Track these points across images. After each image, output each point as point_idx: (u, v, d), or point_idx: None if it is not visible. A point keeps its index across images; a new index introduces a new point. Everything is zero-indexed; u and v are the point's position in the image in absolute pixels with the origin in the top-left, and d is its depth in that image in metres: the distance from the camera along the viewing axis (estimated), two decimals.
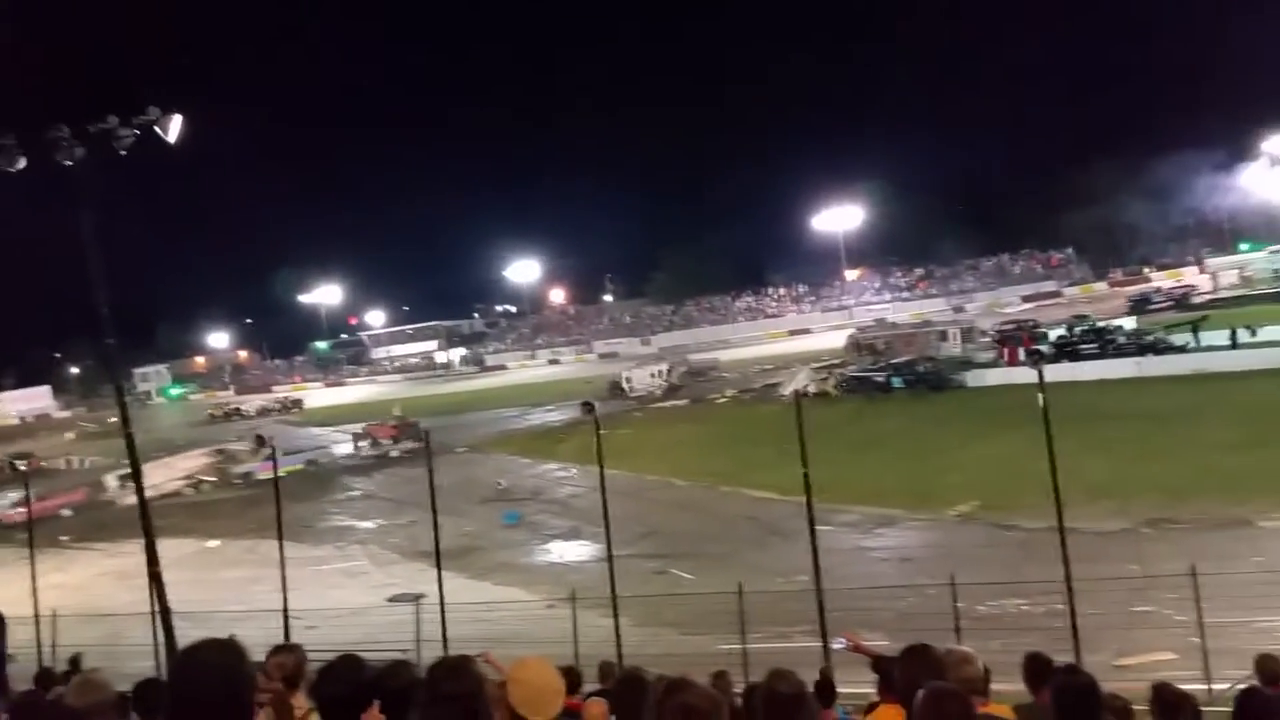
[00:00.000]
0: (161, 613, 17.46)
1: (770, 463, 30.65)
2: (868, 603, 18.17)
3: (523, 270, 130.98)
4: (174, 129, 17.30)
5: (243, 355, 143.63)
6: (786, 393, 47.84)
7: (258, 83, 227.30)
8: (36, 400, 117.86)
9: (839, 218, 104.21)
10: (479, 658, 7.99)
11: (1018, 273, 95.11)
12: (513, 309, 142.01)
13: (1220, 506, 24.79)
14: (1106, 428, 32.26)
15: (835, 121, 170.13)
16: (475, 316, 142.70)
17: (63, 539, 42.04)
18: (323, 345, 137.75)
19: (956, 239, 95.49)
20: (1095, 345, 47.61)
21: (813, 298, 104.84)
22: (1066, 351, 47.55)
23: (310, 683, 4.74)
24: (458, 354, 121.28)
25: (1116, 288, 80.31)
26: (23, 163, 16.70)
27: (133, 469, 21.56)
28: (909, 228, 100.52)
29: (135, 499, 45.33)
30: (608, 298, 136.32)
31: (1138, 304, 65.45)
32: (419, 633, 19.42)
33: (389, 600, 24.90)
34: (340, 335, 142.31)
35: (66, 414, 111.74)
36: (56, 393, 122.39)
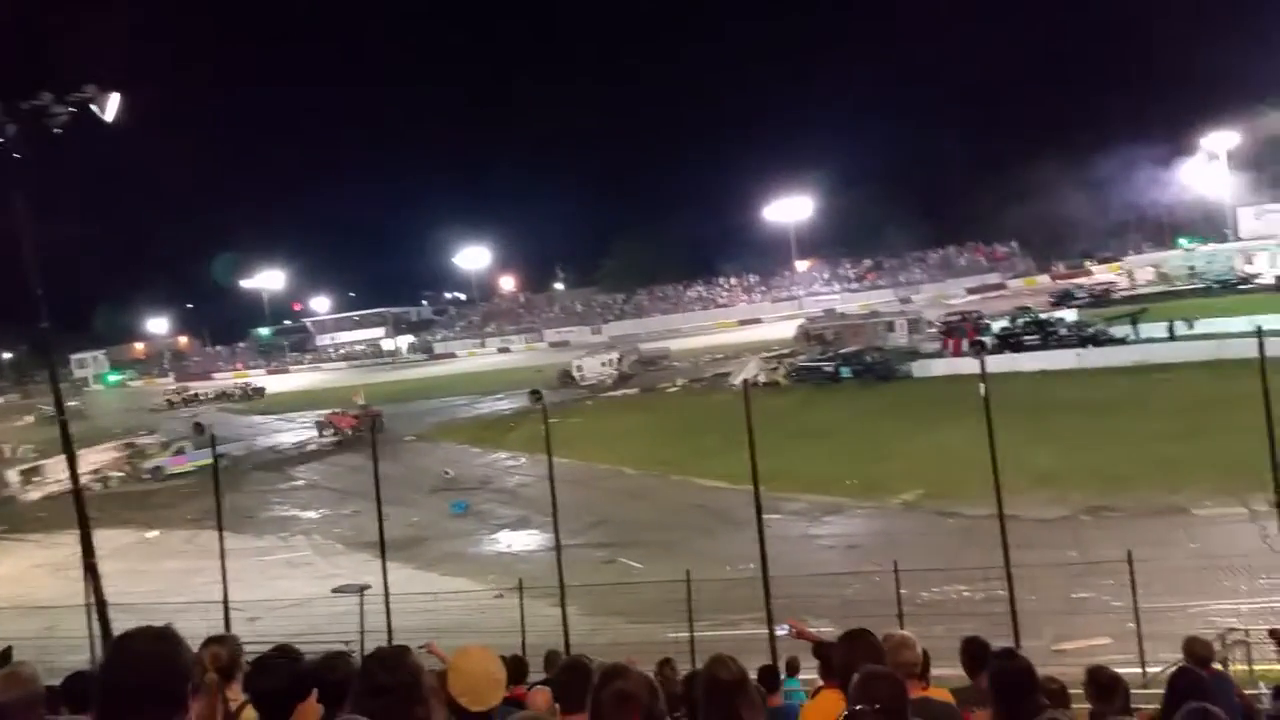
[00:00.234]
0: (98, 605, 17.07)
1: (720, 451, 30.84)
2: (814, 589, 18.29)
3: (472, 257, 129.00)
4: (111, 107, 16.84)
5: (183, 341, 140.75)
6: (736, 382, 47.92)
7: (200, 62, 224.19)
8: None
9: (789, 208, 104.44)
10: (422, 648, 7.95)
11: (963, 265, 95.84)
12: (462, 296, 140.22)
13: (1158, 494, 25.32)
14: (1048, 418, 32.86)
15: (786, 112, 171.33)
16: (423, 304, 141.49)
17: None
18: (265, 332, 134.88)
19: (905, 231, 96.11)
20: (1037, 337, 48.43)
21: (763, 288, 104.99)
22: (1009, 343, 48.25)
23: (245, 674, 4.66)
24: (405, 341, 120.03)
25: (1059, 280, 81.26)
26: None
27: (68, 457, 21.07)
28: (858, 219, 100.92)
29: (37, 495, 44.74)
30: (558, 286, 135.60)
31: (1060, 299, 65.97)
32: (363, 624, 19.29)
33: (334, 591, 24.58)
34: (284, 321, 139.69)
35: None
36: None
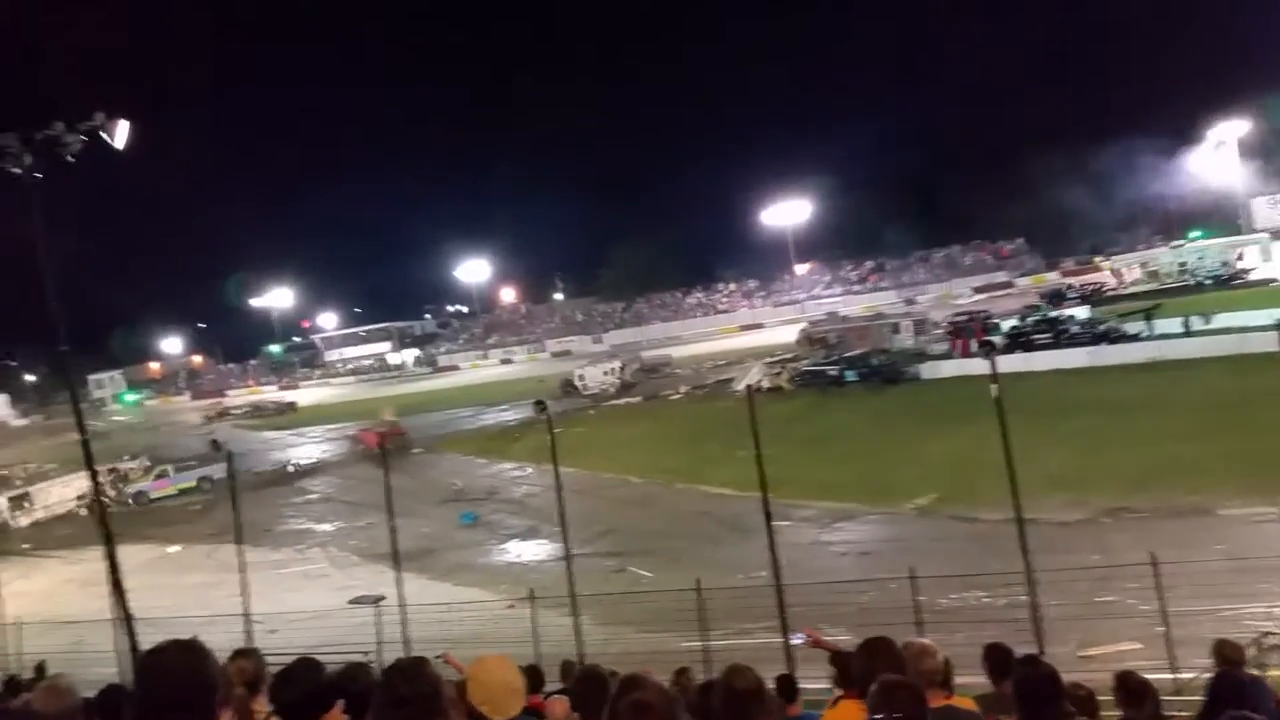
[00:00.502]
0: (125, 620, 17.30)
1: (725, 459, 30.77)
2: (828, 598, 17.94)
3: (473, 270, 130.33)
4: (121, 134, 17.06)
5: (197, 360, 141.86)
6: (740, 388, 47.85)
7: (205, 86, 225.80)
8: None
9: (787, 212, 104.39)
10: (439, 658, 7.97)
11: (969, 264, 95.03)
12: (464, 309, 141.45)
13: (1180, 495, 24.56)
14: (1063, 418, 32.35)
15: (782, 116, 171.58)
16: (427, 317, 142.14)
17: (25, 547, 41.62)
18: (276, 349, 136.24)
19: (907, 231, 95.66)
20: (1049, 335, 47.49)
21: (764, 293, 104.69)
22: (1020, 342, 47.39)
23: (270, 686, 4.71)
24: (410, 355, 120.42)
25: (1068, 277, 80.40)
26: None
27: (90, 476, 21.54)
28: (858, 221, 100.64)
29: (25, 522, 45.20)
30: (558, 296, 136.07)
31: (1051, 300, 64.88)
32: (380, 635, 19.39)
33: (350, 603, 24.67)
34: (293, 338, 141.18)
35: (24, 422, 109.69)
36: (14, 401, 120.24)
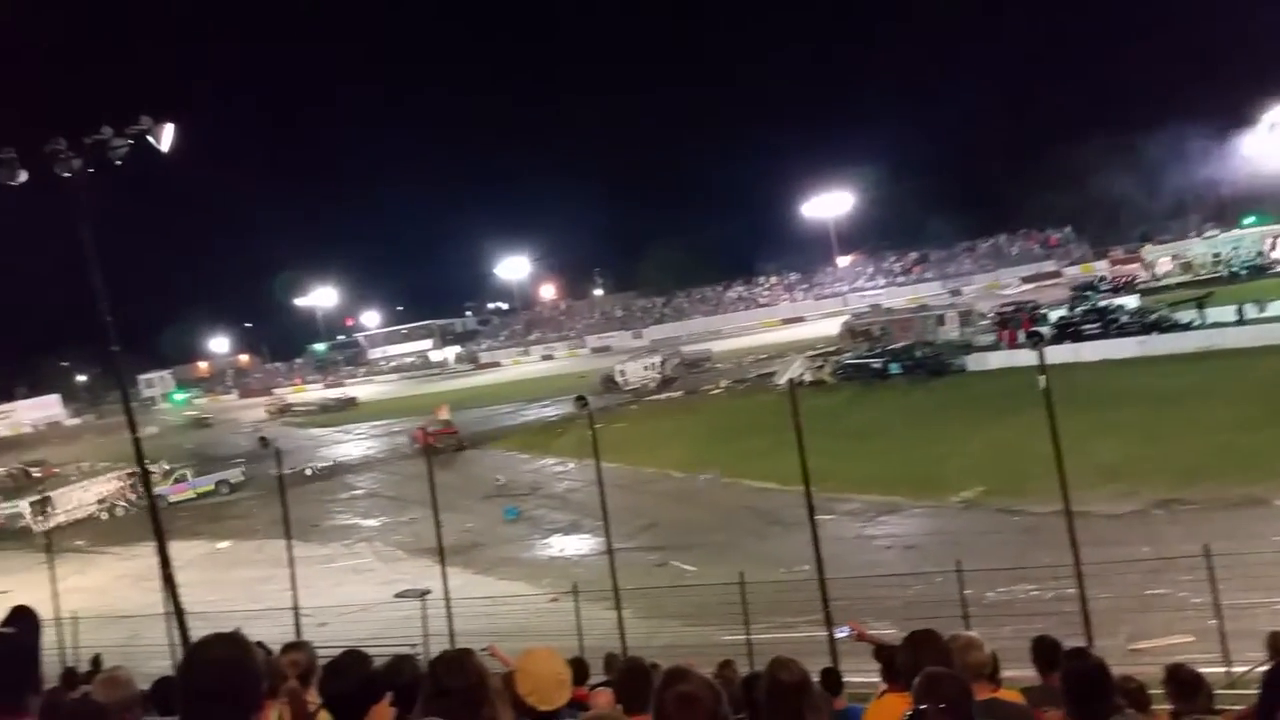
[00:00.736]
0: (176, 614, 17.69)
1: (767, 452, 30.61)
2: (873, 591, 17.94)
3: (513, 267, 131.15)
4: (166, 137, 17.52)
5: (244, 359, 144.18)
6: (781, 382, 47.53)
7: (251, 89, 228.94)
8: (48, 409, 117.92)
9: (829, 204, 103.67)
10: (485, 651, 8.00)
11: (1015, 253, 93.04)
12: (504, 306, 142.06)
13: (1233, 486, 24.04)
14: (1112, 409, 31.76)
15: (823, 106, 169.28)
16: (468, 314, 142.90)
17: (79, 543, 42.44)
18: (321, 347, 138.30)
19: (951, 221, 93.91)
20: (1098, 325, 46.33)
21: (805, 285, 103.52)
22: (1068, 332, 46.44)
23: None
24: (452, 352, 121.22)
25: (1117, 265, 78.16)
26: (24, 176, 16.85)
27: (142, 474, 22.46)
28: (901, 211, 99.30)
29: (46, 526, 46.13)
30: (598, 292, 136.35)
31: (1081, 291, 62.20)
32: (426, 628, 19.60)
33: (396, 596, 24.99)
34: (337, 337, 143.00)
35: (77, 421, 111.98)
36: (66, 401, 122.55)
